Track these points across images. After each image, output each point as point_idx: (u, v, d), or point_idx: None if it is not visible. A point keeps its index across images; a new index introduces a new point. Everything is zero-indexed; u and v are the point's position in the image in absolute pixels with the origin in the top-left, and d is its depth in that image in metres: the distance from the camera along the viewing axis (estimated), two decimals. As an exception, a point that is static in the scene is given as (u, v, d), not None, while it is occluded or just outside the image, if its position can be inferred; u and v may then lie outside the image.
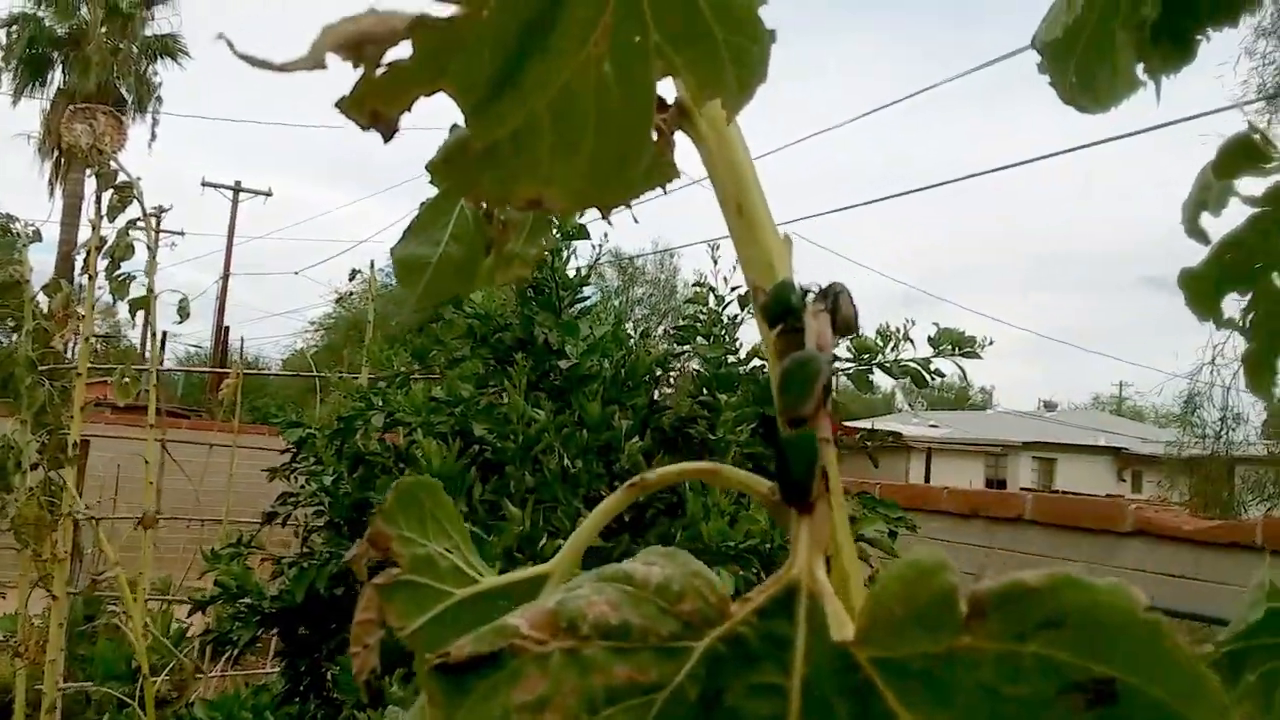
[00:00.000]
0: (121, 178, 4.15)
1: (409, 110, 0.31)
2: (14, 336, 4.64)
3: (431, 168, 0.33)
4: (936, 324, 3.16)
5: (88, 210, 4.45)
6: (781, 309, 0.35)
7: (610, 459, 2.50)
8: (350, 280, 4.70)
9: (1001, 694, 0.25)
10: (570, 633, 0.28)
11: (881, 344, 3.14)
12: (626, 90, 0.34)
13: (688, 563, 0.30)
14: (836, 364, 3.37)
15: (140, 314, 4.41)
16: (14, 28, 21.92)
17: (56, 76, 22.34)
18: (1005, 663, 0.25)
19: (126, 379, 4.16)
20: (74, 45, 21.94)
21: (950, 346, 3.15)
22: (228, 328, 25.23)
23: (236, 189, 26.80)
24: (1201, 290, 0.69)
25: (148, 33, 23.11)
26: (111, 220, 4.17)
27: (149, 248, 4.06)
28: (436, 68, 0.31)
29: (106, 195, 4.20)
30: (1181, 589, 3.92)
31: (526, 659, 0.28)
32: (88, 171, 4.55)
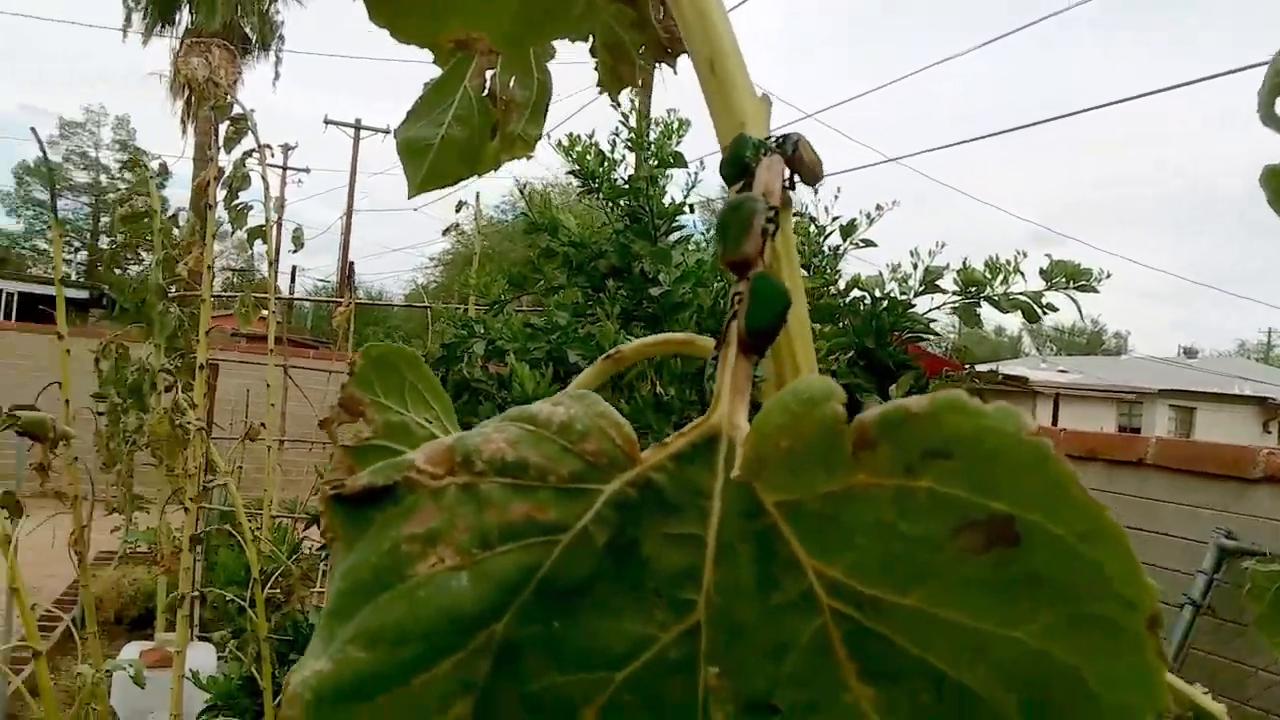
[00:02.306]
0: (236, 109, 4.28)
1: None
2: (145, 264, 4.87)
3: (368, 9, 0.32)
4: (1049, 255, 3.03)
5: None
6: (738, 165, 0.33)
7: (703, 387, 2.48)
8: (457, 212, 4.77)
9: (899, 532, 0.23)
10: (465, 468, 0.27)
11: (990, 277, 3.03)
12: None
13: (595, 404, 0.28)
14: (948, 298, 3.25)
15: (269, 243, 4.57)
16: (142, -32, 22.67)
17: (184, 17, 23.04)
18: (901, 500, 0.23)
19: (246, 307, 4.33)
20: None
21: (1064, 280, 3.02)
22: (352, 262, 25.95)
23: (357, 126, 27.39)
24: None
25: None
26: (229, 151, 4.31)
27: (263, 178, 4.19)
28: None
29: (223, 127, 4.34)
30: (1313, 539, 3.72)
31: (422, 493, 0.27)
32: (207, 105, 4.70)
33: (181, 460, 4.16)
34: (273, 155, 4.44)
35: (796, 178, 0.33)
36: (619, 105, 2.96)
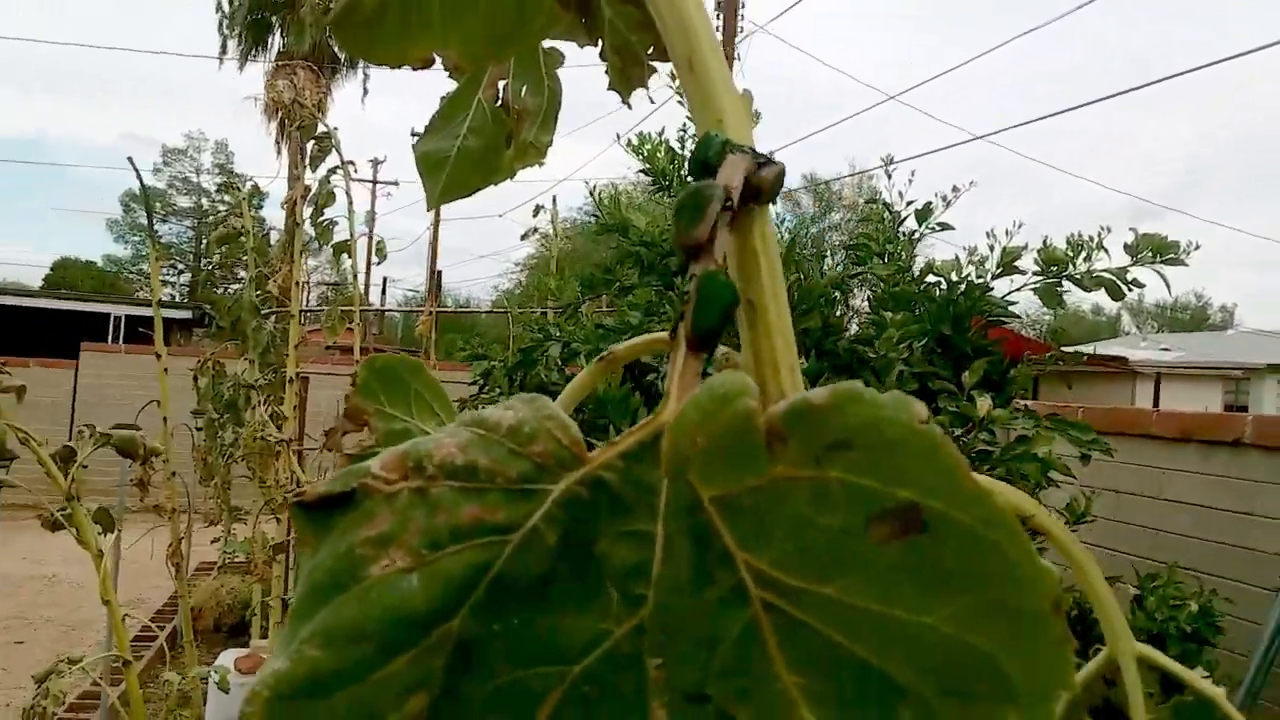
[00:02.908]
0: (320, 128, 4.40)
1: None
2: (240, 284, 5.04)
3: (330, 28, 0.34)
4: (1134, 229, 2.93)
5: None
6: (701, 163, 0.34)
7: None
8: (534, 216, 4.83)
9: (817, 524, 0.24)
10: (417, 473, 0.28)
11: (1071, 255, 2.95)
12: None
13: (543, 407, 0.29)
14: (1028, 279, 3.16)
15: (353, 258, 4.69)
16: (237, -6, 23.43)
17: (275, 41, 23.77)
18: (817, 492, 0.23)
19: (332, 320, 4.45)
20: (289, 8, 23.27)
21: (1150, 254, 2.93)
22: (440, 271, 26.42)
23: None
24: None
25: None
26: (314, 169, 4.44)
27: (347, 194, 4.30)
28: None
29: (309, 146, 4.46)
30: None
31: (378, 498, 0.28)
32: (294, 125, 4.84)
33: (273, 471, 4.30)
34: (355, 171, 4.55)
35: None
36: (632, 107, 2.96)
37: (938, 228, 3.34)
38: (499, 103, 0.55)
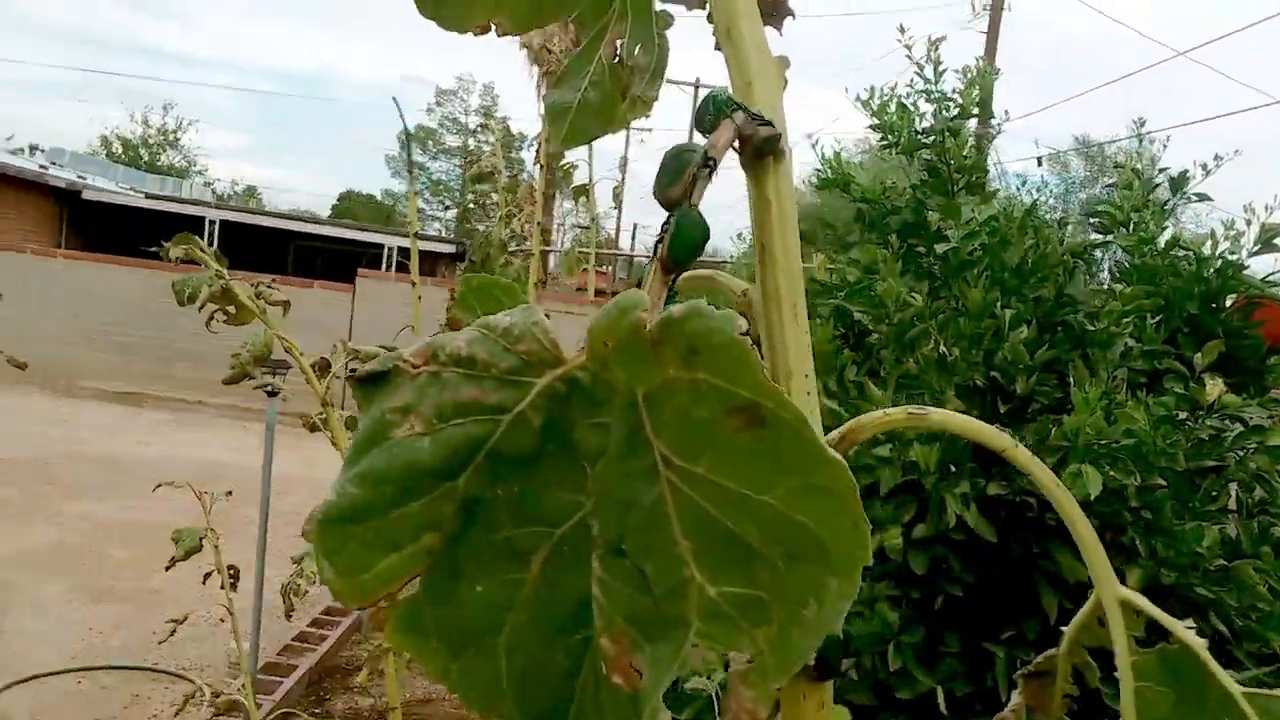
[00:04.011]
0: (568, 77, 4.58)
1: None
2: (489, 222, 5.37)
3: (416, 4, 0.42)
4: None
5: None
6: (701, 117, 0.39)
7: (991, 349, 2.42)
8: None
9: (694, 416, 0.30)
10: (434, 360, 0.36)
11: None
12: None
13: (532, 314, 0.36)
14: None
15: (591, 201, 4.89)
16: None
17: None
18: (693, 389, 0.29)
19: (570, 261, 4.66)
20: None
21: None
22: (688, 221, 26.63)
23: (696, 85, 28.05)
24: None
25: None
26: (560, 116, 4.64)
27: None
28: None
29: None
30: None
31: (405, 377, 0.36)
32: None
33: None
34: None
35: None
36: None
37: (1194, 198, 3.10)
38: (616, 59, 0.62)
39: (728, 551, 0.30)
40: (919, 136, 2.86)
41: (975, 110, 2.83)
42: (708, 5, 0.63)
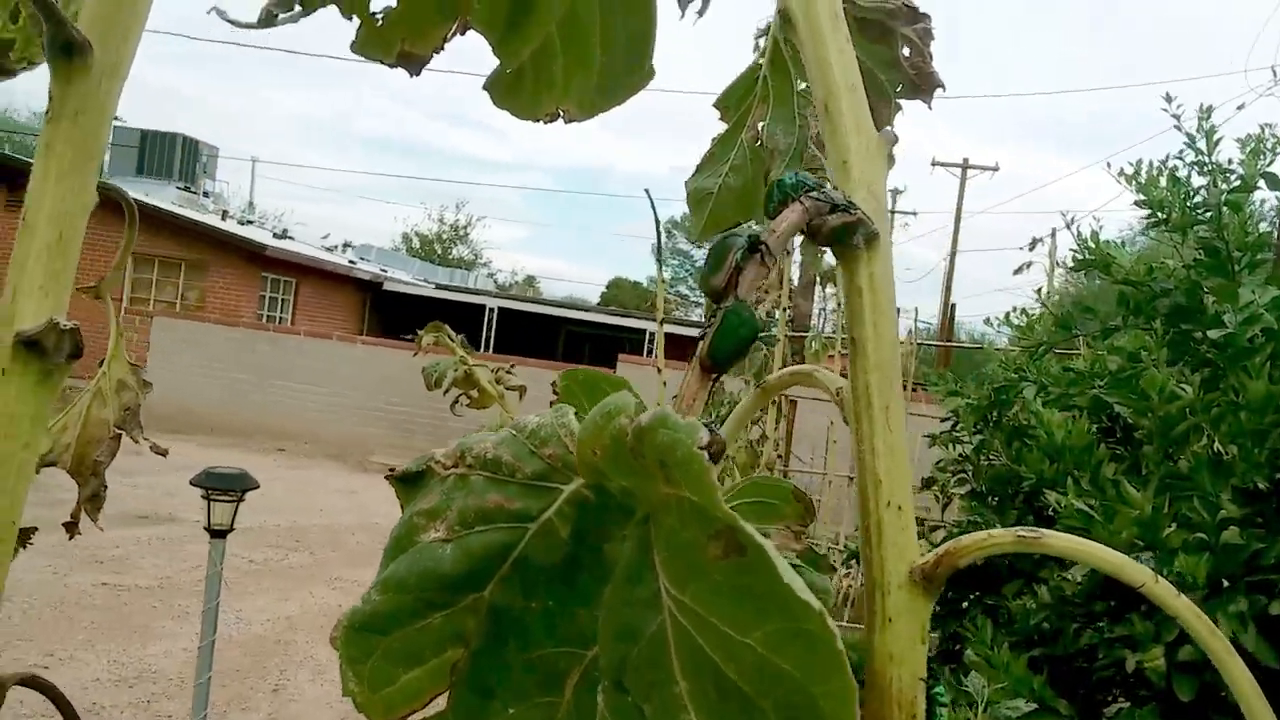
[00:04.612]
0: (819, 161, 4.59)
1: (440, 50, 0.39)
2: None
3: (486, 90, 0.41)
4: None
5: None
6: (767, 201, 0.36)
7: (1276, 448, 2.13)
8: (1030, 250, 4.59)
9: (681, 538, 0.26)
10: (462, 461, 0.34)
11: None
12: (628, 2, 0.38)
13: (563, 415, 0.33)
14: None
15: (837, 287, 4.84)
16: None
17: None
18: (678, 507, 0.26)
19: (817, 346, 4.60)
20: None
21: None
22: (954, 304, 25.87)
23: (964, 166, 27.35)
24: None
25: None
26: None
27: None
28: (454, 7, 0.38)
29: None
30: None
31: (434, 479, 0.35)
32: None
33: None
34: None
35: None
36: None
37: None
38: (758, 143, 0.60)
39: (722, 701, 0.26)
40: (1193, 212, 2.61)
41: (1259, 181, 2.56)
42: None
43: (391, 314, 22.64)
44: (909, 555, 0.37)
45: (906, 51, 0.56)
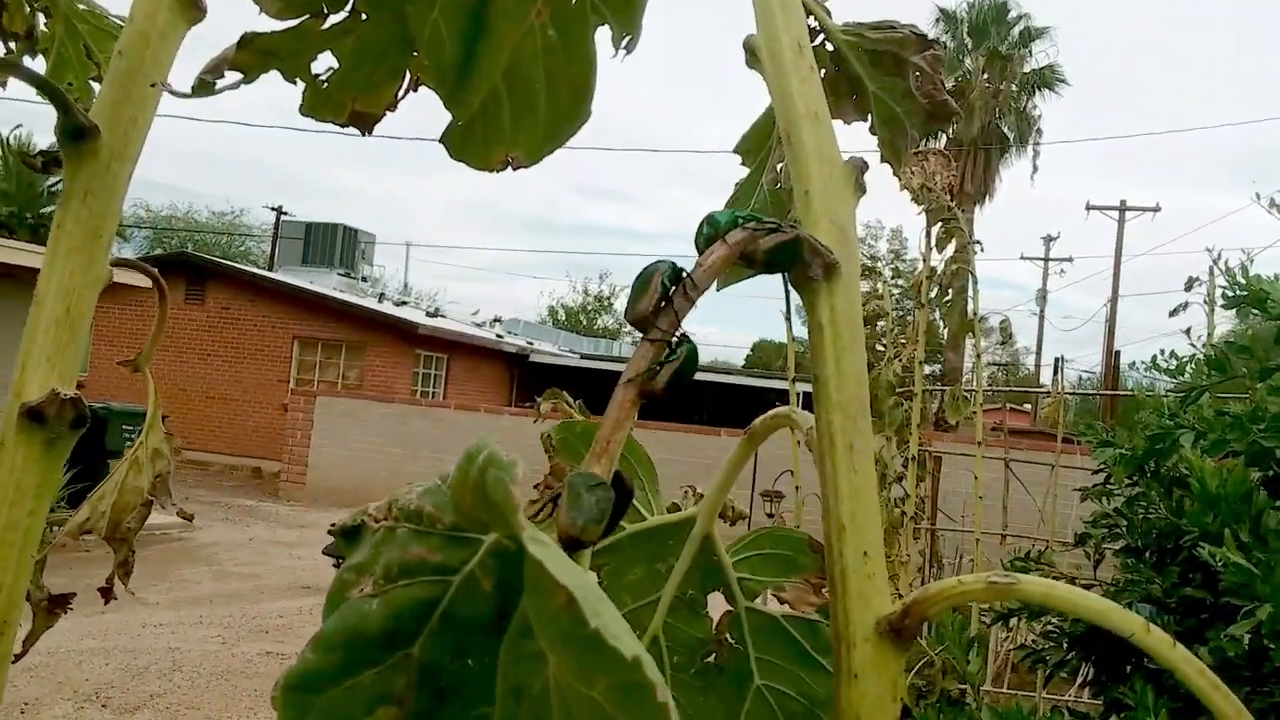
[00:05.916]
0: (946, 211, 4.48)
1: (393, 108, 0.39)
2: (879, 363, 5.31)
3: (441, 141, 0.41)
4: None
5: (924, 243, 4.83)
6: (701, 233, 0.34)
7: None
8: (1186, 290, 4.33)
9: (534, 582, 0.24)
10: (389, 514, 0.33)
11: None
12: (569, 48, 0.37)
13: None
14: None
15: (977, 337, 4.70)
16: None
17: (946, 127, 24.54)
18: (527, 551, 0.24)
19: (955, 400, 4.45)
20: (959, 96, 23.90)
21: None
22: (1118, 351, 24.69)
23: (1122, 209, 26.24)
24: None
25: (1025, 69, 24.13)
26: (940, 251, 4.53)
27: (971, 274, 4.31)
28: (401, 64, 0.39)
29: (935, 229, 4.57)
30: None
31: (366, 533, 0.34)
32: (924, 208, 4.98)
33: (896, 547, 4.40)
34: (981, 250, 4.55)
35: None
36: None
37: None
38: (778, 185, 0.58)
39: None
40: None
41: None
42: (871, 117, 0.57)
43: (537, 384, 23.21)
44: (876, 606, 0.33)
45: (918, 80, 0.53)
